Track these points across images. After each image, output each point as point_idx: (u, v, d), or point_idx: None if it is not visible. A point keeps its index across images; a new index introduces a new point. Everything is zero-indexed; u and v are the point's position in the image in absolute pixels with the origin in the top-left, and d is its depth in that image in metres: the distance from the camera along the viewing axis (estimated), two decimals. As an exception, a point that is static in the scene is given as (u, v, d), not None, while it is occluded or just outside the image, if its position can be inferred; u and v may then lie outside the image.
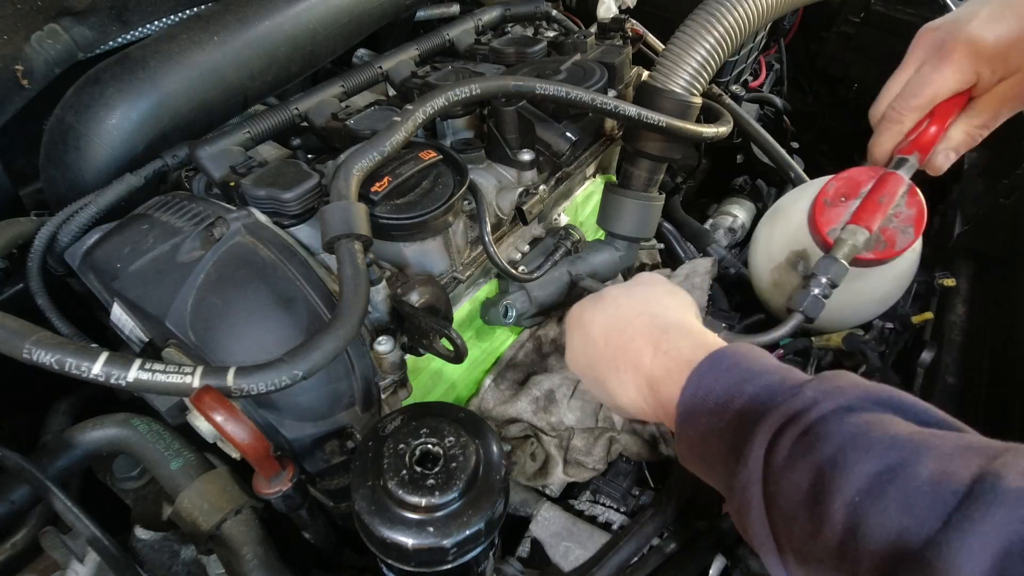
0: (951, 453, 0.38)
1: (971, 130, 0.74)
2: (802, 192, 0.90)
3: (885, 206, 0.75)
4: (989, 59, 0.68)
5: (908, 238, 0.76)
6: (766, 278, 0.93)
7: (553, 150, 0.82)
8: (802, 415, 0.45)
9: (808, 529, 0.42)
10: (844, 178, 0.81)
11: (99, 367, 0.48)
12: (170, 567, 0.68)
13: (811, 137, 1.69)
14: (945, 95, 0.72)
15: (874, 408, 0.44)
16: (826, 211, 0.79)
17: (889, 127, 0.76)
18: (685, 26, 0.79)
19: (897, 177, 0.76)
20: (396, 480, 0.51)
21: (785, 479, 0.44)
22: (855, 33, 1.51)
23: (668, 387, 0.56)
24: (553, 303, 0.91)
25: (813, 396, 0.46)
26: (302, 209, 0.66)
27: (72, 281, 0.75)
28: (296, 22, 0.83)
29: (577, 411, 0.85)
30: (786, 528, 0.44)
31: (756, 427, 0.47)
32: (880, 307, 0.91)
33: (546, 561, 0.78)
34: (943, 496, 0.36)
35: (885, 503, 0.38)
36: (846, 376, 0.49)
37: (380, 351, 0.64)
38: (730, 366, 0.53)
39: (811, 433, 0.44)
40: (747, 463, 0.47)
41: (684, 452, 0.57)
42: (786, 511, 0.44)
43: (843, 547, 0.39)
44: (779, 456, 0.45)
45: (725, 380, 0.52)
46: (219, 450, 0.64)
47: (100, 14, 0.81)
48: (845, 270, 0.72)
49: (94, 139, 0.70)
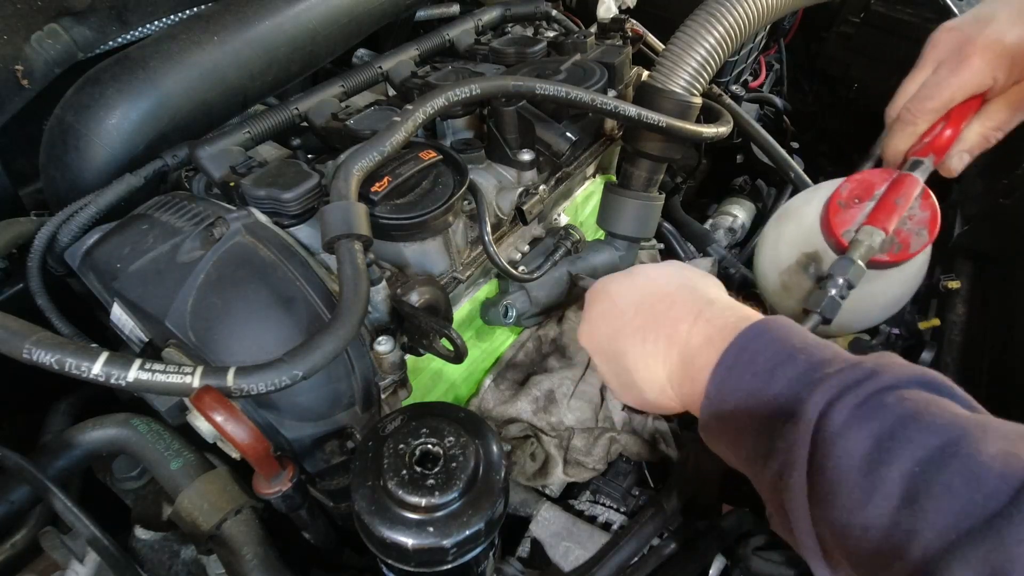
0: (1015, 435, 0.39)
1: (986, 132, 0.73)
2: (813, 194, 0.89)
3: (901, 208, 0.74)
4: (1008, 62, 0.67)
5: (922, 240, 0.75)
6: (774, 280, 0.92)
7: (553, 150, 0.82)
8: (861, 384, 0.44)
9: (857, 498, 0.41)
10: (858, 180, 0.80)
11: (99, 367, 0.48)
12: (170, 567, 0.68)
13: (811, 137, 1.69)
14: (962, 98, 0.71)
15: (928, 390, 0.44)
16: (840, 212, 0.78)
17: (904, 128, 0.76)
18: (685, 26, 0.79)
19: (913, 179, 0.75)
20: (396, 480, 0.51)
21: (838, 446, 0.43)
22: (855, 33, 1.51)
23: (705, 355, 0.54)
24: (553, 303, 0.91)
25: (873, 368, 0.46)
26: (302, 209, 0.66)
27: (72, 281, 0.75)
28: (296, 22, 0.83)
29: (577, 411, 0.85)
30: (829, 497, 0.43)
31: (812, 390, 0.46)
32: (889, 311, 0.90)
33: (546, 561, 0.78)
34: (1013, 472, 0.36)
35: (948, 476, 0.38)
36: (897, 357, 0.49)
37: (380, 351, 0.64)
38: (777, 336, 0.51)
39: (869, 403, 0.43)
40: (798, 424, 0.45)
41: (709, 425, 0.55)
42: (832, 478, 0.43)
43: (897, 517, 0.39)
44: (834, 423, 0.44)
45: (775, 347, 0.51)
46: (219, 450, 0.64)
47: (100, 14, 0.81)
48: (862, 271, 0.72)
49: (94, 139, 0.70)
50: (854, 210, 0.78)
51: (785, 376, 0.48)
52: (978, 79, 0.69)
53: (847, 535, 0.42)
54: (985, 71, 0.68)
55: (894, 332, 0.94)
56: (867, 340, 0.91)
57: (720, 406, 0.52)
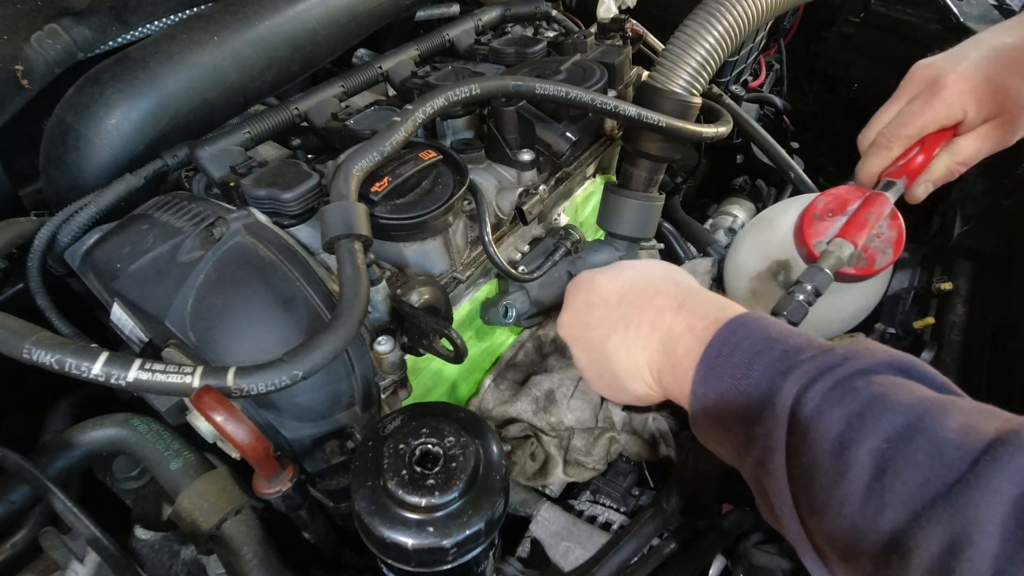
0: (975, 412, 0.41)
1: (952, 165, 0.79)
2: (788, 205, 0.94)
3: (871, 224, 0.78)
4: (975, 99, 0.73)
5: (887, 258, 0.80)
6: (744, 287, 0.95)
7: (553, 150, 0.82)
8: (832, 370, 0.47)
9: (832, 476, 0.43)
10: (833, 195, 0.84)
11: (99, 367, 0.48)
12: (170, 567, 0.68)
13: (811, 137, 1.69)
14: (933, 128, 0.76)
15: (897, 374, 0.47)
16: (814, 224, 0.83)
17: (878, 152, 0.81)
18: (685, 26, 0.79)
19: (884, 198, 0.80)
20: (396, 480, 0.51)
21: (812, 430, 0.45)
22: (855, 33, 1.51)
23: (686, 343, 0.56)
24: (553, 303, 0.91)
25: (844, 354, 0.48)
26: (302, 209, 0.66)
27: (72, 281, 0.75)
28: (296, 22, 0.83)
29: (577, 411, 0.85)
30: (807, 477, 0.45)
31: (786, 377, 0.48)
32: (850, 322, 0.94)
33: (546, 561, 0.78)
34: (970, 444, 0.38)
35: (912, 450, 0.40)
36: (871, 342, 0.51)
37: (380, 351, 0.64)
38: (756, 328, 0.54)
39: (840, 388, 0.45)
40: (774, 410, 0.48)
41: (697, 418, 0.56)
42: (809, 459, 0.45)
43: (868, 491, 0.41)
44: (807, 407, 0.46)
45: (752, 338, 0.53)
46: (219, 450, 0.64)
47: (100, 14, 0.81)
48: (830, 280, 0.74)
49: (94, 139, 0.70)
50: (827, 223, 0.83)
51: (761, 366, 0.51)
52: (949, 111, 0.74)
53: (825, 514, 0.44)
54: (955, 104, 0.74)
55: (889, 331, 0.95)
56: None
57: (705, 400, 0.54)
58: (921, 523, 0.38)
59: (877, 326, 0.95)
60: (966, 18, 1.27)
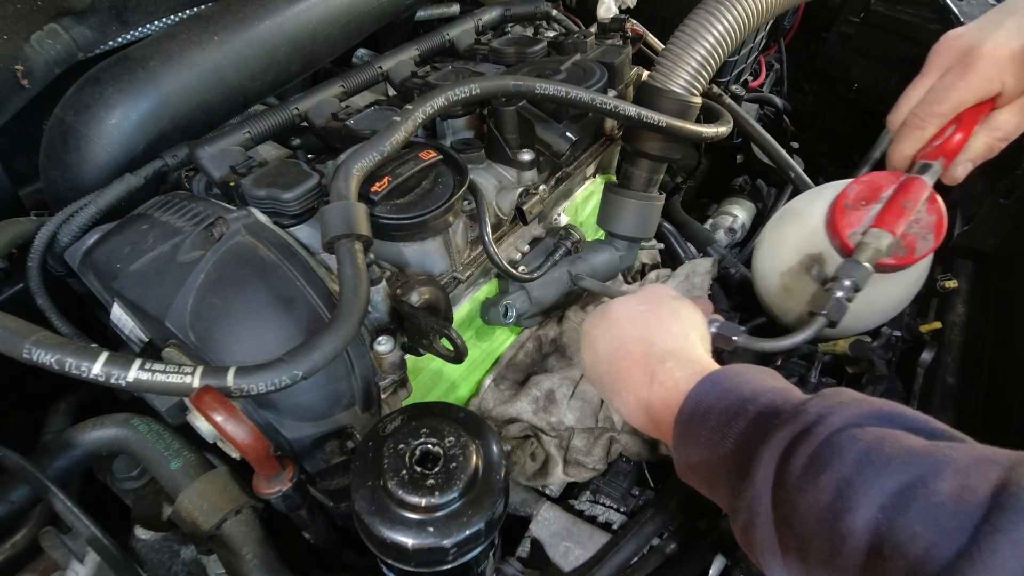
0: (968, 465, 0.39)
1: (991, 141, 0.73)
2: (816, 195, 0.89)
3: (909, 211, 0.74)
4: (1015, 67, 0.68)
5: (928, 244, 0.74)
6: (775, 282, 0.91)
7: (553, 150, 0.82)
8: (811, 432, 0.45)
9: (827, 549, 0.41)
10: (866, 182, 0.79)
11: (99, 367, 0.48)
12: (170, 567, 0.68)
13: (811, 137, 1.69)
14: (970, 103, 0.71)
15: (879, 424, 0.45)
16: (847, 214, 0.78)
17: (911, 133, 0.75)
18: (685, 26, 0.79)
19: (921, 182, 0.74)
20: (396, 480, 0.51)
21: (801, 499, 0.43)
22: (855, 33, 1.51)
23: (665, 415, 0.58)
24: (553, 303, 0.91)
25: (818, 413, 0.46)
26: (302, 209, 0.66)
27: (72, 281, 0.75)
28: (296, 22, 0.83)
29: (577, 411, 0.85)
30: (800, 548, 0.44)
31: (761, 447, 0.47)
32: (890, 313, 0.90)
33: (546, 561, 0.78)
34: (968, 510, 0.36)
35: (908, 519, 0.38)
36: (847, 392, 0.49)
37: (380, 351, 0.64)
38: (726, 389, 0.54)
39: (824, 449, 0.44)
40: (753, 481, 0.47)
41: (684, 472, 0.58)
42: (802, 531, 0.43)
43: (868, 565, 0.39)
44: (792, 475, 0.44)
45: (722, 403, 0.52)
46: (219, 450, 0.64)
47: (100, 14, 0.81)
48: (869, 274, 0.71)
49: (94, 139, 0.70)
50: (861, 212, 0.77)
51: (736, 431, 0.50)
52: (986, 84, 0.69)
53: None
54: (993, 75, 0.68)
55: (895, 334, 0.94)
56: (868, 342, 0.91)
57: (686, 459, 0.55)
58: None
59: (884, 329, 0.94)
60: (966, 18, 1.27)
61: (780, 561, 0.45)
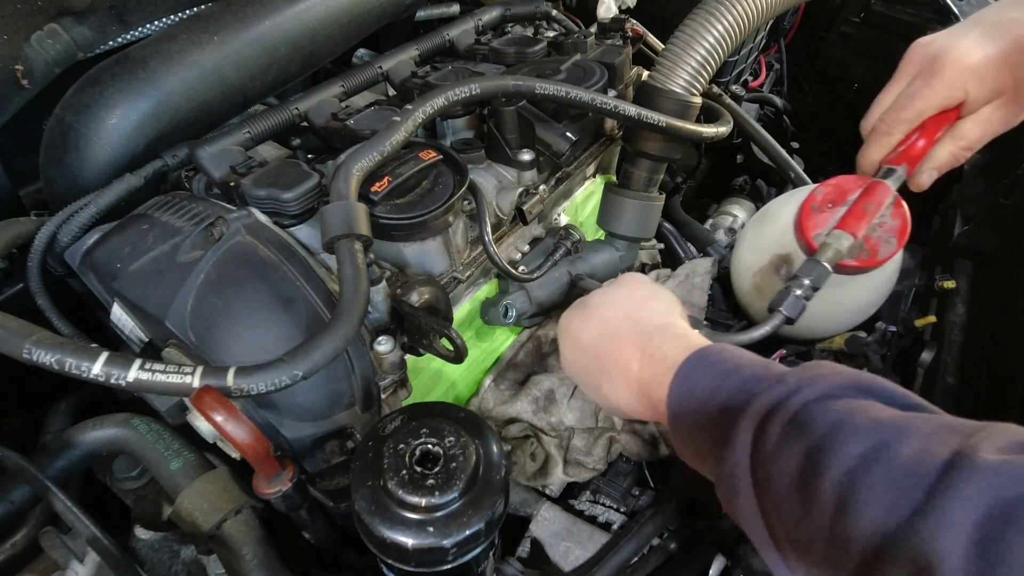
0: (931, 433, 0.40)
1: (956, 150, 0.75)
2: (790, 197, 0.92)
3: (871, 214, 0.76)
4: (977, 78, 0.70)
5: (891, 248, 0.76)
6: (748, 282, 0.94)
7: (553, 150, 0.82)
8: (787, 402, 0.47)
9: (798, 511, 0.43)
10: (832, 185, 0.82)
11: (99, 367, 0.48)
12: (170, 567, 0.68)
13: (811, 137, 1.69)
14: (933, 110, 0.73)
15: (855, 395, 0.46)
16: (813, 216, 0.80)
17: (878, 139, 0.78)
18: (685, 26, 0.79)
19: (884, 187, 0.77)
20: (396, 480, 0.51)
21: (775, 465, 0.45)
22: (855, 33, 1.51)
23: (656, 389, 0.59)
24: (553, 303, 0.91)
25: (796, 383, 0.48)
26: (302, 209, 0.66)
27: (72, 281, 0.75)
28: (296, 22, 0.83)
29: (577, 411, 0.85)
30: (776, 512, 0.45)
31: (741, 415, 0.49)
32: (857, 317, 0.92)
33: (546, 561, 0.78)
34: (925, 472, 0.38)
35: (871, 481, 0.40)
36: (827, 365, 0.51)
37: (380, 351, 0.64)
38: (713, 362, 0.55)
39: (798, 419, 0.46)
40: (734, 449, 0.48)
41: (678, 446, 0.59)
42: (775, 496, 0.45)
43: (833, 525, 0.41)
44: (768, 443, 0.46)
45: (709, 375, 0.54)
46: (219, 450, 0.64)
47: (100, 14, 0.81)
48: (828, 273, 0.73)
49: (94, 139, 0.70)
50: (827, 214, 0.80)
51: (720, 400, 0.52)
52: (948, 92, 0.71)
53: (798, 548, 0.44)
54: (955, 85, 0.70)
55: (891, 330, 0.95)
56: (863, 337, 0.92)
57: (680, 432, 0.57)
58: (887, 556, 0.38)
59: (879, 324, 0.94)
60: (965, 18, 1.27)
61: (762, 524, 0.47)
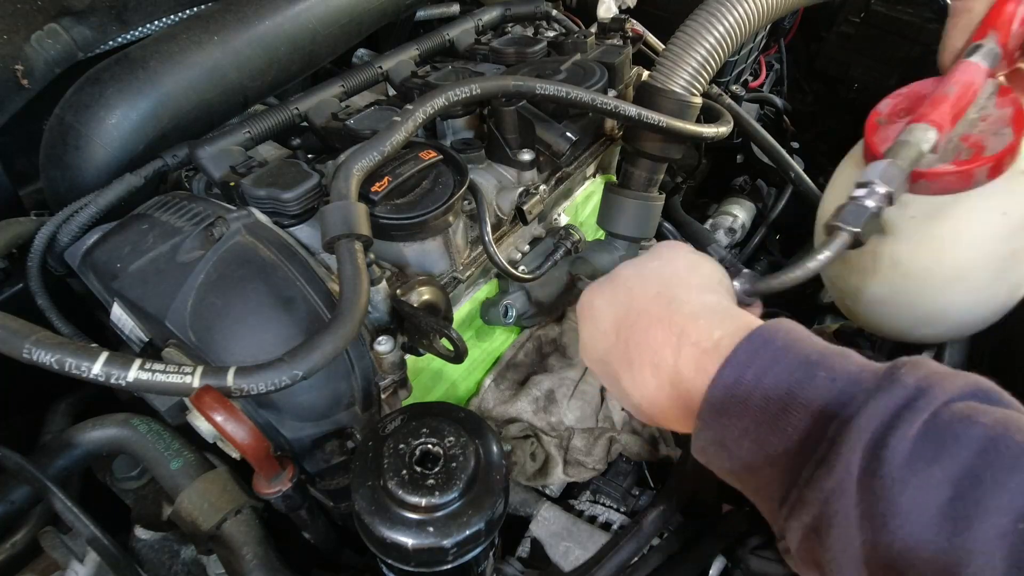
0: None
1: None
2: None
3: (955, 98, 0.58)
4: None
5: (1004, 140, 0.56)
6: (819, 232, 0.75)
7: (553, 150, 0.82)
8: (911, 408, 0.36)
9: (942, 561, 0.33)
10: (904, 93, 0.65)
11: (99, 367, 0.48)
12: (170, 567, 0.68)
13: (811, 137, 1.69)
14: None
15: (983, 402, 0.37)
16: (880, 131, 0.63)
17: (956, 22, 0.62)
18: (685, 26, 0.79)
19: (969, 64, 0.59)
20: (396, 480, 0.51)
21: (905, 496, 0.34)
22: (855, 33, 1.51)
23: (698, 384, 0.46)
24: (553, 303, 0.91)
25: (916, 386, 0.37)
26: (302, 209, 0.66)
27: (72, 281, 0.75)
28: (296, 22, 0.83)
29: (577, 411, 0.85)
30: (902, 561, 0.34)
31: (845, 427, 0.37)
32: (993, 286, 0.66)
33: (546, 561, 0.78)
34: None
35: None
36: (928, 362, 0.39)
37: (380, 351, 0.64)
38: (781, 349, 0.43)
39: (931, 433, 0.35)
40: (832, 471, 0.37)
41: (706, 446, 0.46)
42: (905, 539, 0.34)
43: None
44: (891, 463, 0.35)
45: (778, 368, 0.42)
46: (219, 450, 0.64)
47: (100, 14, 0.81)
48: (902, 174, 0.56)
49: (94, 139, 0.70)
50: (899, 125, 0.62)
51: (804, 402, 0.40)
52: None
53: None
54: None
55: None
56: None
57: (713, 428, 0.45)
58: None
59: None
60: (966, 18, 1.27)
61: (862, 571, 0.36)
